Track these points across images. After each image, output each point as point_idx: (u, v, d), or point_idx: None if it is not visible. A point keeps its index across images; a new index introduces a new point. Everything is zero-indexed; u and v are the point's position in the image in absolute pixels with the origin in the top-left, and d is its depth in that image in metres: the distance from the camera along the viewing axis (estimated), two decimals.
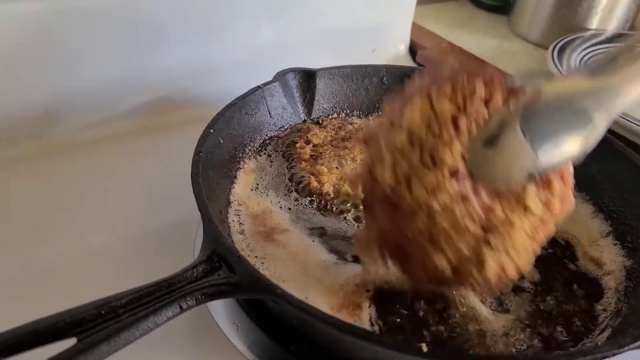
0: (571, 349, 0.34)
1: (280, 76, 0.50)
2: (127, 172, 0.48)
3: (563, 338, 0.35)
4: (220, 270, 0.31)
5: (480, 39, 0.81)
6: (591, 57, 0.69)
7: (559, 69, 0.63)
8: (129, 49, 0.52)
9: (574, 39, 0.72)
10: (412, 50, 0.72)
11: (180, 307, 0.29)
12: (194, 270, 0.31)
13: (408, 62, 0.71)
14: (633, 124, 0.56)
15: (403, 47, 0.72)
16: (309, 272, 0.37)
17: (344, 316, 0.34)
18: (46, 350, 0.26)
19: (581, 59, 0.68)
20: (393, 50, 0.71)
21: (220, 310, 0.38)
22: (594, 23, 0.77)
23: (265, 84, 0.48)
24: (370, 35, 0.68)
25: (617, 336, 0.34)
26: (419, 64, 0.71)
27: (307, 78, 0.52)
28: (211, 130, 0.41)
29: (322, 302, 0.35)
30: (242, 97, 0.46)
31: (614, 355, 0.28)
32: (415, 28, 0.73)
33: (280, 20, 0.61)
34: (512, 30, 0.85)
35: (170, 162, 0.43)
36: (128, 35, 0.52)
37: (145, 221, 0.43)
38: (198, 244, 0.35)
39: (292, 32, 0.63)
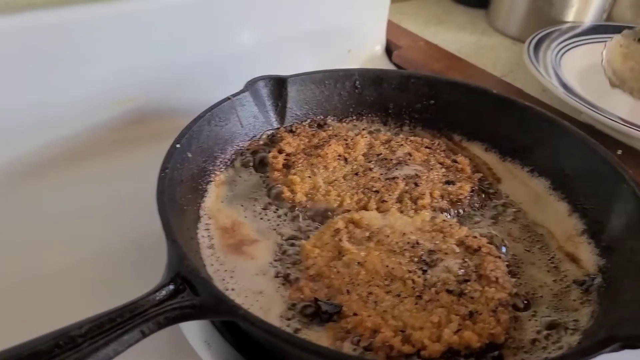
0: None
1: (251, 85, 0.49)
2: (96, 189, 0.48)
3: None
4: (184, 293, 0.31)
5: (459, 34, 0.81)
6: (567, 50, 0.69)
7: (534, 64, 0.63)
8: (97, 60, 0.52)
9: (550, 33, 0.72)
10: (389, 49, 0.71)
11: (142, 333, 0.29)
12: (157, 294, 0.30)
13: (384, 62, 0.70)
14: (609, 119, 0.56)
15: (379, 47, 0.71)
16: (275, 285, 0.37)
17: None
18: None
19: (557, 53, 0.68)
20: (369, 50, 0.70)
21: (192, 329, 0.37)
22: (570, 15, 0.77)
23: (235, 94, 0.48)
24: (345, 36, 0.68)
25: (588, 339, 0.33)
26: (396, 65, 0.70)
27: (278, 85, 0.51)
28: (177, 146, 0.41)
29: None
30: (211, 109, 0.46)
31: None
32: (392, 27, 0.73)
33: (253, 26, 0.61)
34: (491, 25, 0.85)
35: (141, 177, 0.42)
36: (95, 47, 0.51)
37: (113, 240, 0.43)
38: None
39: (265, 37, 0.62)
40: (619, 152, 0.55)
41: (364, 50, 0.70)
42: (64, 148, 0.52)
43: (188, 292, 0.31)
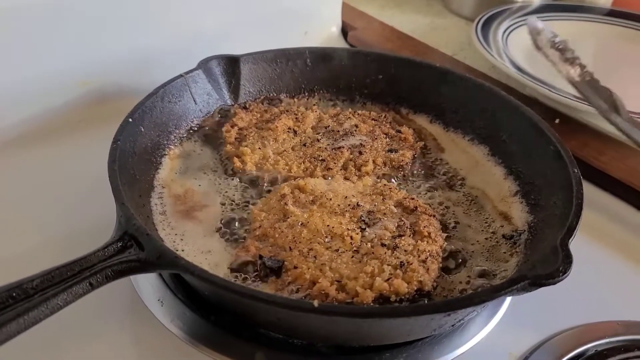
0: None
1: (204, 63, 0.52)
2: (56, 167, 0.50)
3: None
4: (131, 249, 0.33)
5: (414, 16, 0.83)
6: (515, 28, 0.72)
7: (481, 41, 0.66)
8: (59, 41, 0.53)
9: (500, 12, 0.75)
10: (345, 31, 0.74)
11: (91, 285, 0.31)
12: (105, 250, 0.33)
13: (340, 43, 0.73)
14: (546, 89, 0.59)
15: (335, 28, 0.74)
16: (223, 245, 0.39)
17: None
18: None
19: (505, 30, 0.71)
20: (325, 32, 0.73)
21: (146, 288, 0.40)
22: None
23: (187, 72, 0.50)
24: (302, 19, 0.70)
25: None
26: (351, 45, 0.73)
27: (231, 64, 0.53)
28: (130, 120, 0.43)
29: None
30: (164, 86, 0.48)
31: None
32: (348, 9, 0.75)
33: (211, 8, 0.63)
34: (446, 7, 0.88)
35: (99, 155, 0.44)
36: (58, 27, 0.53)
37: (73, 217, 0.45)
38: None
39: (223, 19, 0.64)
40: (557, 121, 0.58)
41: (321, 32, 0.72)
42: (25, 128, 0.54)
43: (135, 248, 0.33)
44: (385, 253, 0.38)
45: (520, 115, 0.48)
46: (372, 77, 0.57)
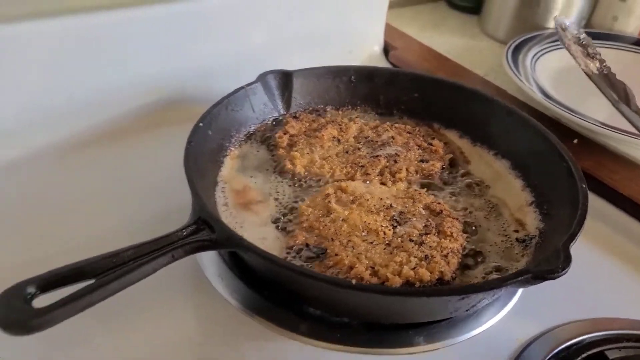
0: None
1: (262, 77, 0.59)
2: (130, 164, 0.58)
3: None
4: (204, 231, 0.40)
5: (450, 38, 0.90)
6: (544, 53, 0.78)
7: (510, 65, 0.72)
8: (139, 55, 0.62)
9: (531, 38, 0.81)
10: (387, 50, 0.81)
11: (173, 257, 0.39)
12: (184, 230, 0.40)
13: (382, 62, 0.80)
14: (566, 113, 0.65)
15: (377, 47, 0.81)
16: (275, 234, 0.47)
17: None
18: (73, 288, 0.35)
19: (534, 55, 0.77)
20: (368, 51, 0.80)
21: (208, 266, 0.47)
22: (552, 22, 0.85)
23: (248, 85, 0.58)
24: (347, 39, 0.77)
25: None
26: (392, 64, 0.79)
27: (285, 78, 0.61)
28: (200, 124, 0.51)
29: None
30: (228, 97, 0.55)
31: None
32: (390, 30, 0.82)
33: (266, 28, 0.71)
34: (482, 30, 0.94)
35: (169, 154, 0.51)
36: (133, 44, 0.61)
37: (146, 208, 0.52)
38: None
39: (277, 38, 0.72)
40: (575, 141, 0.64)
41: (364, 50, 0.79)
42: (104, 129, 0.62)
43: (207, 230, 0.40)
44: (412, 247, 0.44)
45: (540, 135, 0.54)
46: (409, 94, 0.63)
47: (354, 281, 0.37)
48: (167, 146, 0.51)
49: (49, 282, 0.35)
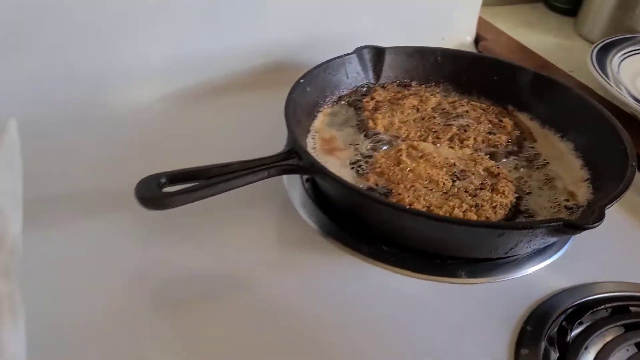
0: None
1: (358, 50, 0.68)
2: (238, 114, 0.69)
3: None
4: (294, 159, 0.50)
5: (543, 36, 0.94)
6: (632, 55, 0.81)
7: (594, 63, 0.76)
8: (249, 21, 0.72)
9: (622, 39, 0.84)
10: (477, 41, 0.87)
11: (268, 173, 0.49)
12: (278, 155, 0.50)
13: (471, 50, 0.86)
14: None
15: (469, 38, 0.87)
16: (352, 174, 0.56)
17: None
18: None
19: (620, 56, 0.80)
20: (460, 39, 0.86)
21: (295, 197, 0.57)
22: None
23: (346, 55, 0.67)
24: (441, 27, 0.84)
25: None
26: (479, 52, 0.86)
27: (378, 53, 0.69)
28: (301, 81, 0.61)
29: None
30: (327, 62, 0.65)
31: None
32: (483, 23, 0.88)
33: (369, 13, 0.80)
34: (576, 31, 0.97)
35: (272, 108, 0.61)
36: (247, 10, 0.72)
37: (255, 142, 0.63)
38: None
39: (378, 21, 0.81)
40: None
41: (456, 39, 0.86)
42: (217, 84, 0.74)
43: (296, 158, 0.50)
44: (466, 197, 0.52)
45: (605, 122, 0.59)
46: (489, 77, 0.70)
47: (407, 207, 0.45)
48: (273, 100, 0.61)
49: (175, 176, 0.47)
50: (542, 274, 0.51)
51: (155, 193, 0.45)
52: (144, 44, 0.67)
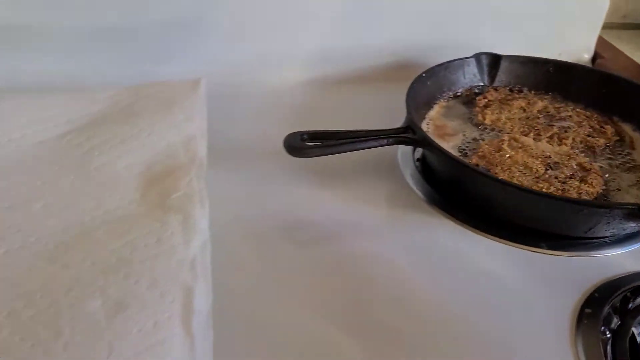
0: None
1: (477, 55, 0.78)
2: (369, 101, 0.81)
3: None
4: (409, 133, 0.61)
5: None
6: None
7: None
8: (389, 24, 0.85)
9: None
10: (595, 59, 0.93)
11: (386, 142, 0.60)
12: (397, 129, 0.61)
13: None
14: None
15: (587, 55, 0.93)
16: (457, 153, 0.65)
17: None
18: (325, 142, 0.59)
19: None
20: (577, 56, 0.92)
21: (405, 169, 0.67)
22: None
23: (465, 58, 0.77)
24: (559, 43, 0.91)
25: None
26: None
27: (495, 59, 0.78)
28: (423, 75, 0.71)
29: None
30: (448, 62, 0.75)
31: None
32: (602, 42, 0.94)
33: (491, 24, 0.89)
34: None
35: (400, 97, 0.72)
36: (390, 13, 0.84)
37: (378, 123, 0.74)
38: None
39: (500, 34, 0.89)
40: None
41: (573, 55, 0.92)
42: (350, 74, 0.86)
43: (410, 133, 0.61)
44: (555, 182, 0.60)
45: None
46: (598, 90, 0.76)
47: (499, 177, 0.54)
48: (396, 92, 0.72)
49: (314, 135, 0.59)
50: (620, 257, 0.57)
51: (298, 144, 0.58)
52: (298, 38, 0.82)
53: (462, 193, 0.61)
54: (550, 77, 0.79)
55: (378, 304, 0.51)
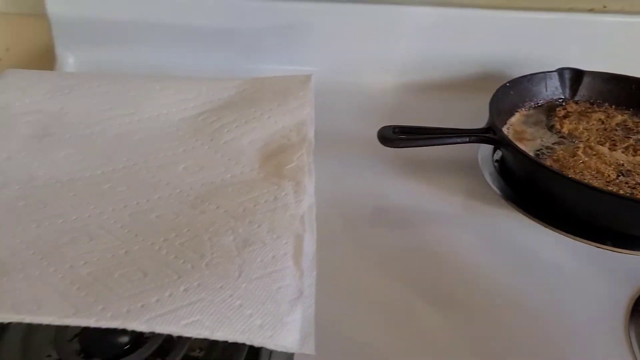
0: None
1: (561, 70, 0.84)
2: (458, 106, 0.89)
3: None
4: (489, 133, 0.69)
5: None
6: None
7: None
8: (472, 47, 0.92)
9: None
10: None
11: (469, 139, 0.68)
12: (479, 129, 0.69)
13: None
14: None
15: None
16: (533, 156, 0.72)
17: None
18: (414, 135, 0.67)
19: None
20: None
21: (484, 168, 0.75)
22: None
23: (548, 71, 0.83)
24: None
25: None
26: None
27: (577, 74, 0.84)
28: (507, 84, 0.78)
29: None
30: (532, 74, 0.82)
31: None
32: None
33: (577, 42, 0.94)
34: None
35: (481, 102, 0.79)
36: (474, 33, 0.92)
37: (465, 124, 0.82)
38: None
39: (585, 51, 0.94)
40: None
41: None
42: (439, 81, 0.94)
43: (491, 133, 0.68)
44: (625, 187, 0.65)
45: None
46: None
47: (570, 176, 0.60)
48: (481, 100, 0.79)
49: (405, 129, 0.68)
50: None
51: (390, 135, 0.67)
52: (395, 46, 0.92)
53: (535, 191, 0.68)
54: (633, 94, 0.83)
55: (450, 281, 0.59)
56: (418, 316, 0.54)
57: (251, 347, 0.42)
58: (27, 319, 0.38)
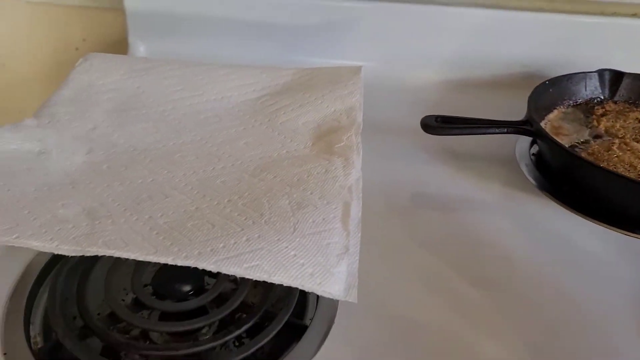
0: None
1: (601, 70, 0.87)
2: (499, 101, 0.93)
3: None
4: (527, 125, 0.73)
5: None
6: None
7: None
8: (506, 42, 0.96)
9: None
10: None
11: (507, 130, 0.72)
12: (517, 122, 0.73)
13: None
14: None
15: None
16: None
17: None
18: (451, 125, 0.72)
19: None
20: None
21: (521, 160, 0.79)
22: None
23: (588, 72, 0.87)
24: None
25: None
26: None
27: (617, 75, 0.87)
28: (546, 82, 0.82)
29: None
30: (572, 74, 0.85)
31: None
32: None
33: (620, 46, 0.97)
34: None
35: (518, 100, 0.83)
36: (509, 35, 0.96)
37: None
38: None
39: (627, 54, 0.97)
40: None
41: None
42: (482, 79, 0.99)
43: (528, 125, 0.73)
44: None
45: None
46: None
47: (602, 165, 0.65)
48: (522, 97, 0.83)
49: (446, 118, 0.73)
50: None
51: (432, 123, 0.72)
52: (441, 43, 0.97)
53: (570, 182, 0.72)
54: None
55: (488, 263, 0.63)
56: (456, 294, 0.58)
57: (297, 302, 0.49)
58: (117, 253, 0.45)
